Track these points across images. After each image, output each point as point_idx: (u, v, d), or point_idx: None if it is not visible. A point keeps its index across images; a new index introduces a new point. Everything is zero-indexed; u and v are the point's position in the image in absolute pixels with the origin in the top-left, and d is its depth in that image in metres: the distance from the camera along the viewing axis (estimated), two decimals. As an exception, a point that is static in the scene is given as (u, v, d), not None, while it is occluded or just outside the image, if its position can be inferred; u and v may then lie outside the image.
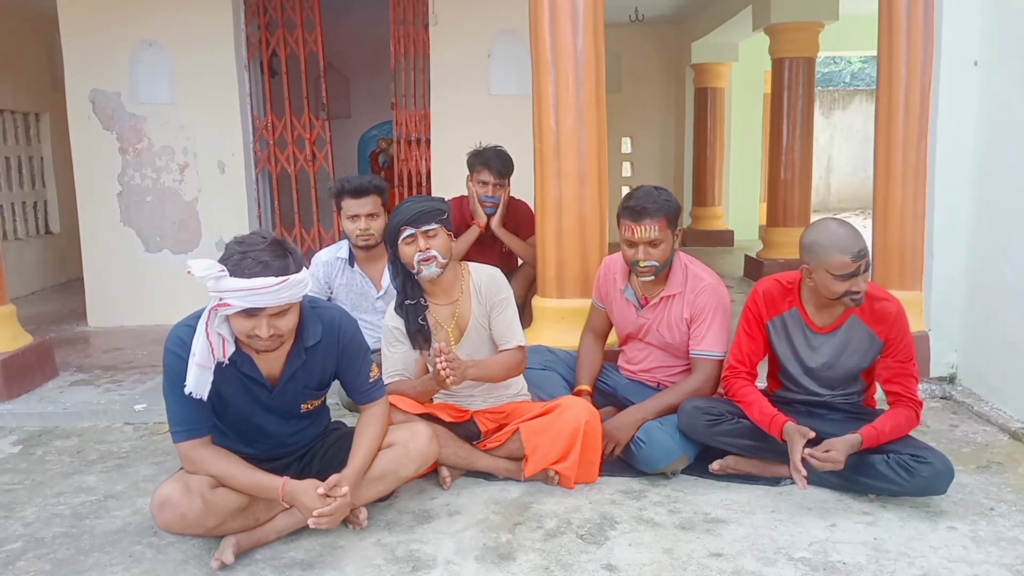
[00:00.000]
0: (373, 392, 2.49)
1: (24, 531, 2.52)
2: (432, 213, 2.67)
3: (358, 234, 3.40)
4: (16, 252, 6.61)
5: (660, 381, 3.03)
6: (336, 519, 2.23)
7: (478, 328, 2.81)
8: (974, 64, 3.55)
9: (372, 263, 3.51)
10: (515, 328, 2.82)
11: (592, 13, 3.52)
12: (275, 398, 2.35)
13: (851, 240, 2.49)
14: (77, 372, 4.27)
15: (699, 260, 3.00)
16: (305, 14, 5.47)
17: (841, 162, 14.97)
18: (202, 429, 2.26)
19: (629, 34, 9.33)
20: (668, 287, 2.91)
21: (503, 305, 2.81)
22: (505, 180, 4.02)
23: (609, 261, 3.11)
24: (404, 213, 2.68)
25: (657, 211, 2.77)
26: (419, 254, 2.65)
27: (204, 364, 2.17)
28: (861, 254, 2.48)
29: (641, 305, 2.98)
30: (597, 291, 3.17)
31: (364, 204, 3.37)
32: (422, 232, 2.65)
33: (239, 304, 2.10)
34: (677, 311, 2.91)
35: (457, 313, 2.80)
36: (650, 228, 2.77)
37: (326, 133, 5.68)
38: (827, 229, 2.55)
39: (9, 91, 6.62)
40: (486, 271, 2.86)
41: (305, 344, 2.32)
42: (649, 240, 2.78)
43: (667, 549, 2.32)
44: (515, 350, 2.80)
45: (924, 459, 2.48)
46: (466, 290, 2.81)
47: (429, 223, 2.65)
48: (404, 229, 2.65)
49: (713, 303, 2.85)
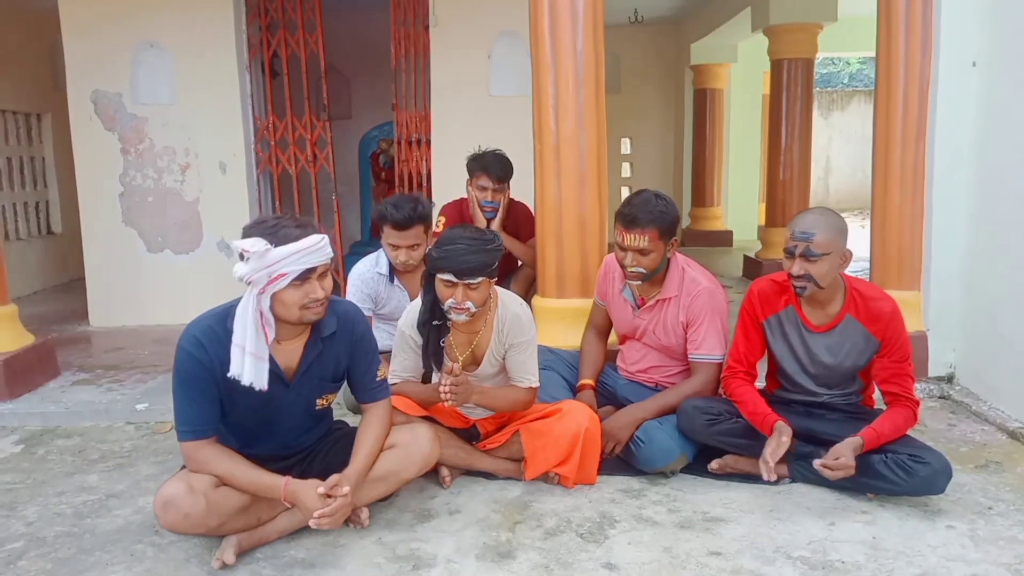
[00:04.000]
0: (378, 392, 2.49)
1: (26, 530, 2.53)
2: (480, 269, 2.50)
3: (399, 263, 3.28)
4: (18, 252, 6.61)
5: (658, 382, 3.04)
6: (337, 520, 2.23)
7: (492, 360, 2.76)
8: (972, 65, 3.57)
9: (410, 276, 3.42)
10: (530, 369, 2.74)
11: (591, 14, 3.53)
12: (291, 392, 2.35)
13: (804, 220, 2.56)
14: (79, 372, 4.28)
15: (697, 262, 3.01)
16: (306, 15, 5.47)
17: (839, 163, 14.99)
18: (208, 430, 2.26)
19: (628, 35, 9.34)
20: (664, 290, 2.92)
21: (523, 346, 2.71)
22: (504, 185, 3.99)
23: (610, 259, 3.12)
24: (452, 262, 2.49)
25: (649, 222, 2.76)
26: (452, 300, 2.54)
27: (260, 355, 2.17)
28: (800, 235, 2.51)
29: (638, 306, 3.00)
30: (598, 288, 3.19)
31: (407, 236, 3.21)
32: (465, 284, 2.52)
33: (295, 269, 2.12)
34: (673, 314, 2.92)
35: (475, 343, 2.75)
36: (640, 237, 2.77)
37: (327, 134, 5.69)
38: (808, 209, 2.66)
39: (10, 91, 6.63)
40: (513, 309, 2.72)
41: (321, 334, 2.34)
42: (638, 248, 2.79)
43: (666, 548, 2.33)
44: (524, 389, 2.75)
45: (922, 459, 2.49)
46: (490, 323, 2.72)
47: (475, 277, 2.51)
48: (446, 273, 2.51)
49: (709, 307, 2.86)
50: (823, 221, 2.54)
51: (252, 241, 2.10)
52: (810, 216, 2.58)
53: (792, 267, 2.54)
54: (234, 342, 2.16)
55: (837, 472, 2.46)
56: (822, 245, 2.50)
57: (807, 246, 2.50)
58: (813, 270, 2.51)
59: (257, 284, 2.13)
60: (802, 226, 2.54)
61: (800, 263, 2.52)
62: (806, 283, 2.54)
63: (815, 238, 2.50)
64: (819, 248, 2.49)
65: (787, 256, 2.56)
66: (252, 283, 2.13)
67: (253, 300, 2.15)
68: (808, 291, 2.56)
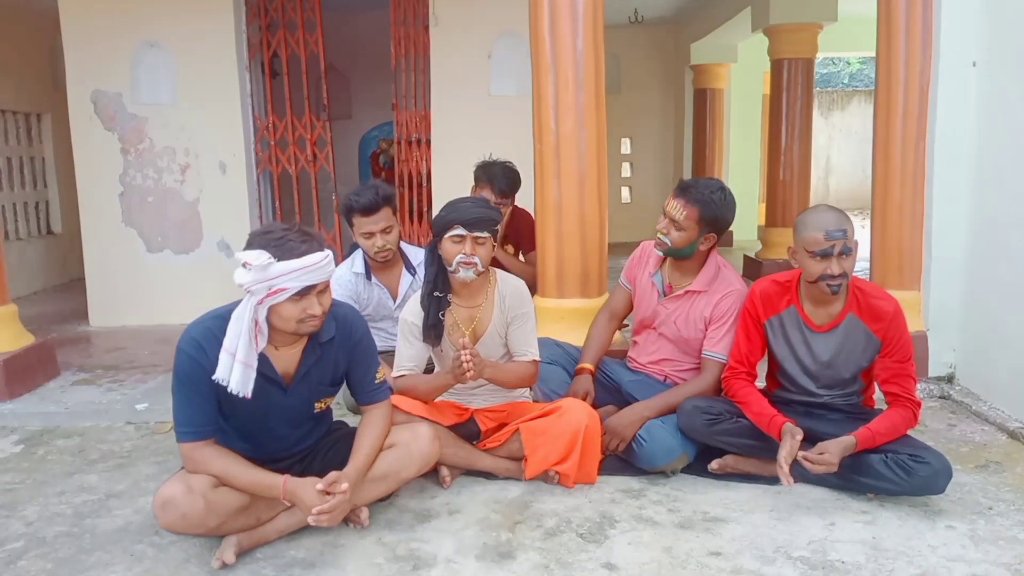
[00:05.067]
0: (377, 393, 2.50)
1: (26, 530, 2.53)
2: (487, 222, 2.65)
3: (376, 251, 3.27)
4: (18, 252, 6.62)
5: (668, 375, 3.04)
6: (336, 517, 2.23)
7: (494, 336, 2.80)
8: (972, 65, 3.57)
9: (387, 272, 3.43)
10: (532, 342, 2.82)
11: (591, 14, 3.53)
12: (289, 397, 2.36)
13: (829, 219, 2.52)
14: (79, 372, 4.28)
15: (733, 267, 3.02)
16: (306, 15, 5.48)
17: (840, 163, 15.00)
18: (207, 431, 2.27)
19: (628, 35, 9.35)
20: (696, 282, 2.93)
21: (524, 318, 2.80)
22: (507, 200, 3.92)
23: (647, 244, 3.13)
24: (461, 213, 2.65)
25: (697, 200, 2.81)
26: (462, 256, 2.63)
27: (249, 362, 2.17)
28: (836, 234, 2.49)
29: (665, 293, 3.00)
30: (628, 271, 3.19)
31: (377, 220, 3.22)
32: (473, 237, 2.63)
33: (296, 285, 2.13)
34: (698, 308, 2.92)
35: (477, 318, 2.79)
36: (679, 208, 2.82)
37: (327, 134, 5.69)
38: (814, 209, 2.65)
39: (11, 91, 6.63)
40: (512, 282, 2.84)
41: (320, 339, 2.34)
42: (674, 218, 2.83)
43: (666, 548, 2.33)
44: (529, 363, 2.80)
45: (922, 459, 2.49)
46: (490, 297, 2.80)
47: (483, 230, 2.64)
48: (456, 227, 2.64)
49: (736, 309, 2.86)
50: (843, 216, 2.55)
51: (255, 254, 2.11)
52: (830, 214, 2.55)
53: (831, 267, 2.50)
54: (224, 347, 2.17)
55: (818, 468, 2.45)
56: (852, 240, 2.53)
57: (844, 243, 2.50)
58: (848, 266, 2.53)
59: (256, 295, 2.15)
60: (833, 225, 2.50)
61: (839, 262, 2.50)
62: (842, 280, 2.53)
63: (848, 234, 2.51)
64: (852, 244, 2.52)
65: (820, 258, 2.50)
66: (251, 292, 2.15)
67: (251, 309, 2.16)
68: (842, 288, 2.56)
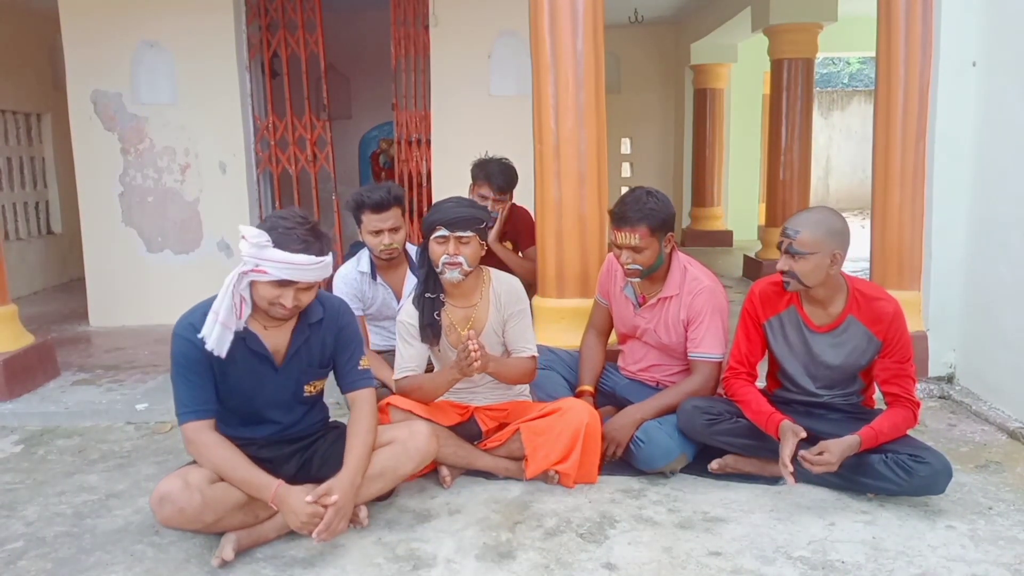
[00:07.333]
0: (360, 381, 2.52)
1: (26, 530, 2.54)
2: (470, 220, 2.67)
3: (382, 249, 3.26)
4: (18, 252, 6.62)
5: (659, 380, 3.04)
6: (335, 529, 2.26)
7: (491, 335, 2.82)
8: (972, 65, 3.57)
9: (392, 273, 3.43)
10: (529, 338, 2.84)
11: (591, 14, 3.53)
12: (280, 375, 2.41)
13: (794, 217, 2.61)
14: (79, 372, 4.28)
15: (698, 262, 3.01)
16: (306, 15, 5.48)
17: (840, 163, 14.99)
18: (207, 410, 2.31)
19: (628, 35, 9.34)
20: (666, 288, 2.93)
21: (520, 316, 2.83)
22: (506, 196, 3.93)
23: (612, 258, 3.13)
24: (444, 214, 2.68)
25: (639, 219, 2.78)
26: (446, 256, 2.66)
27: (227, 324, 2.26)
28: (787, 230, 2.56)
29: (639, 304, 3.00)
30: (600, 287, 3.19)
31: (386, 218, 3.22)
32: (455, 237, 2.65)
33: (276, 274, 2.22)
34: (674, 312, 2.92)
35: (473, 317, 2.80)
36: (631, 235, 2.80)
37: (327, 134, 5.69)
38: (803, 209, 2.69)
39: (11, 91, 6.63)
40: (507, 280, 2.86)
41: (309, 320, 2.42)
42: (631, 246, 2.81)
43: (666, 548, 2.33)
44: (527, 359, 2.82)
45: (922, 459, 2.49)
46: (485, 296, 2.82)
47: (465, 229, 2.66)
48: (439, 228, 2.66)
49: (710, 306, 2.87)
50: (813, 220, 2.56)
51: (256, 232, 2.20)
52: (804, 214, 2.60)
53: (779, 261, 2.59)
54: (212, 308, 2.26)
55: (817, 468, 2.45)
56: (806, 244, 2.51)
57: (790, 243, 2.54)
58: (796, 267, 2.54)
59: (246, 266, 2.24)
60: (792, 223, 2.58)
61: (784, 259, 2.57)
62: (790, 279, 2.58)
63: (799, 236, 2.52)
64: (802, 246, 2.51)
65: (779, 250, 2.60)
66: (243, 263, 2.25)
67: (237, 276, 2.25)
68: (792, 287, 2.60)
